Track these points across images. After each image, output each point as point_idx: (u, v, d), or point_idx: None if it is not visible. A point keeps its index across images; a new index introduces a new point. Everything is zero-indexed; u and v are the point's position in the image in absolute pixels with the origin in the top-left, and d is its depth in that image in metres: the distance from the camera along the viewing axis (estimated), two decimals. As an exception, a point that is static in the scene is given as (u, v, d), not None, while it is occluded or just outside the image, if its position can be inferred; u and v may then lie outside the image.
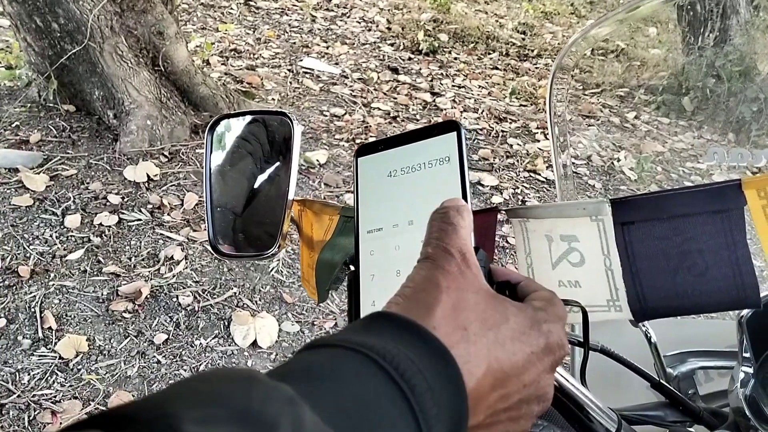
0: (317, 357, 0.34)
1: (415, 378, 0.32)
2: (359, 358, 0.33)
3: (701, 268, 0.58)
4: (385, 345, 0.33)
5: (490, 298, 0.41)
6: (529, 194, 3.45)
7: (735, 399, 0.71)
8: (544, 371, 0.41)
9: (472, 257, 0.42)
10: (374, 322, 0.37)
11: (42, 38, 3.14)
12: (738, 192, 0.55)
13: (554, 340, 0.41)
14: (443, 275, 0.40)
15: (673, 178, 3.55)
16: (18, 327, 2.18)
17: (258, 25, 5.18)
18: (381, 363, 0.32)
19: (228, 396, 0.27)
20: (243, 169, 0.86)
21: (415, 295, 0.39)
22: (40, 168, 2.92)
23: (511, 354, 0.39)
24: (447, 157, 0.52)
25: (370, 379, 0.32)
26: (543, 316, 0.42)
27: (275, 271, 2.59)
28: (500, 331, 0.39)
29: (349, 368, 0.32)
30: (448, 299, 0.38)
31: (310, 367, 0.33)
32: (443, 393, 0.33)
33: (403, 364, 0.33)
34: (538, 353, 0.40)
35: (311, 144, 3.55)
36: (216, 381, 0.28)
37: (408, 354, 0.33)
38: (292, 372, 0.32)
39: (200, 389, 0.27)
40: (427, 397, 0.32)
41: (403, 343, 0.34)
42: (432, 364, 0.34)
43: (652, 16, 4.94)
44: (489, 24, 5.91)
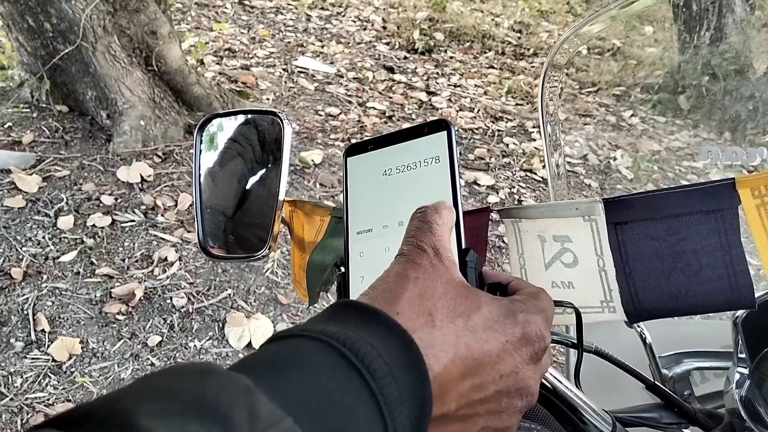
0: (278, 347, 0.34)
1: (375, 363, 0.32)
2: (320, 345, 0.33)
3: (695, 269, 0.57)
4: (345, 332, 0.34)
5: (461, 288, 0.40)
6: (525, 193, 3.44)
7: (730, 400, 0.70)
8: (523, 362, 0.40)
9: (446, 252, 0.42)
10: (337, 310, 0.37)
11: (34, 38, 3.12)
12: (732, 191, 0.55)
13: (532, 330, 0.41)
14: (413, 268, 0.40)
15: (669, 177, 3.55)
16: (11, 329, 2.17)
17: (252, 25, 5.16)
18: (341, 349, 0.32)
19: (182, 389, 0.27)
20: (233, 170, 0.85)
21: (384, 287, 0.39)
22: (32, 169, 2.90)
23: (482, 342, 0.38)
24: (437, 157, 0.51)
25: (331, 365, 0.32)
26: (520, 306, 0.41)
27: (270, 272, 2.58)
28: (470, 318, 0.39)
29: (310, 356, 0.32)
30: (414, 288, 0.39)
31: (271, 358, 0.33)
32: (405, 377, 0.33)
33: (363, 350, 0.33)
34: (514, 342, 0.40)
35: (306, 144, 3.54)
36: (172, 375, 0.28)
37: (368, 339, 0.33)
38: (251, 363, 0.32)
39: (156, 384, 0.28)
40: (388, 381, 0.32)
41: (364, 330, 0.34)
42: (393, 349, 0.34)
43: (647, 14, 4.94)
44: (485, 23, 5.90)
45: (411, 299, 0.38)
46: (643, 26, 5.48)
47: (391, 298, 0.38)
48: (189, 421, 0.25)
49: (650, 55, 5.25)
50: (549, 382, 0.63)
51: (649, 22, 5.47)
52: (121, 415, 0.25)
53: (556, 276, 0.66)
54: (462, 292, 0.40)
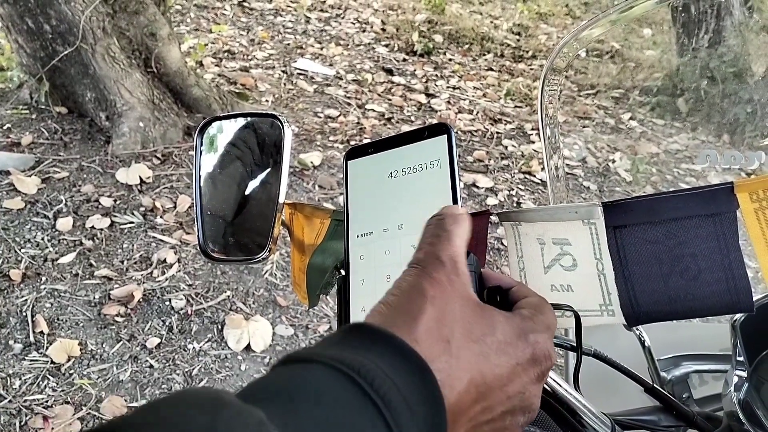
0: (291, 374, 0.33)
1: (391, 394, 0.31)
2: (334, 374, 0.32)
3: (694, 272, 0.57)
4: (361, 360, 0.33)
5: (477, 308, 0.40)
6: (524, 196, 3.44)
7: (729, 403, 0.70)
8: (530, 382, 0.40)
9: (462, 266, 0.41)
10: (351, 334, 0.36)
11: (34, 40, 3.12)
12: (730, 195, 0.55)
13: (540, 351, 0.41)
14: (430, 283, 0.39)
15: (668, 180, 3.56)
16: (9, 331, 2.16)
17: (252, 26, 5.17)
18: (356, 379, 0.31)
19: (193, 422, 0.26)
20: (233, 172, 0.85)
21: (399, 304, 0.38)
22: (31, 170, 2.90)
23: (495, 366, 0.38)
24: (437, 160, 0.51)
25: (346, 396, 0.31)
26: (530, 326, 0.41)
27: (269, 275, 2.58)
28: (485, 343, 0.38)
29: (324, 385, 0.31)
30: (432, 310, 0.37)
31: (283, 386, 0.32)
32: (421, 410, 0.33)
33: (378, 380, 0.32)
34: (524, 364, 0.40)
35: (305, 146, 3.54)
36: (183, 406, 0.27)
37: (385, 369, 0.33)
38: (263, 391, 0.32)
39: (166, 415, 0.27)
40: (404, 414, 0.31)
41: (380, 358, 0.33)
42: (410, 380, 0.33)
43: (646, 17, 4.95)
44: (484, 25, 5.91)
45: (429, 324, 0.37)
46: (642, 29, 5.49)
47: (409, 320, 0.37)
48: None
49: (649, 57, 5.26)
50: (548, 385, 0.64)
51: (648, 24, 5.48)
52: None
53: (556, 279, 0.66)
54: (478, 313, 0.40)
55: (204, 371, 2.14)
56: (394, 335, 0.35)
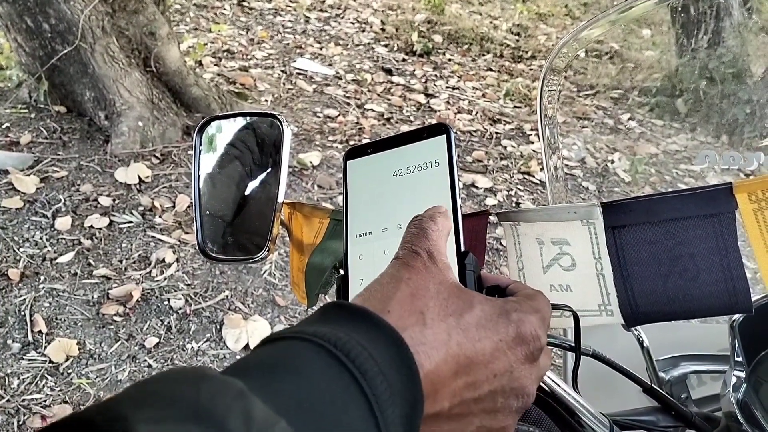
0: (270, 350, 0.34)
1: (366, 363, 0.33)
2: (311, 347, 0.33)
3: (693, 273, 0.57)
4: (336, 333, 0.34)
5: (454, 289, 0.41)
6: (523, 196, 3.45)
7: (727, 403, 0.70)
8: (518, 361, 0.40)
9: (440, 256, 0.43)
10: (328, 312, 0.38)
11: (33, 39, 3.12)
12: (729, 196, 0.55)
13: (526, 329, 0.41)
14: (406, 269, 0.41)
15: (667, 180, 3.56)
16: (7, 330, 2.16)
17: (251, 26, 5.16)
18: (332, 350, 0.33)
19: (179, 395, 0.27)
20: (232, 172, 0.85)
21: (377, 289, 0.40)
22: (30, 170, 2.90)
23: (475, 340, 0.39)
24: (436, 161, 0.51)
25: (322, 366, 0.32)
26: (513, 306, 0.42)
27: (268, 274, 2.58)
28: (462, 317, 0.39)
29: (301, 358, 0.33)
30: (406, 288, 0.39)
31: (263, 361, 0.33)
32: (395, 376, 0.34)
33: (354, 351, 0.33)
34: (508, 341, 0.40)
35: (304, 145, 3.54)
36: (167, 381, 0.29)
37: (359, 339, 0.34)
38: (245, 367, 0.33)
39: (152, 390, 0.28)
40: (379, 381, 0.33)
41: (355, 330, 0.35)
42: (383, 349, 0.34)
43: (645, 17, 4.95)
44: (483, 25, 5.91)
45: (402, 299, 0.39)
46: (641, 29, 5.49)
47: (383, 299, 0.39)
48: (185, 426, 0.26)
49: (648, 58, 5.26)
50: (547, 384, 0.64)
51: (647, 25, 5.48)
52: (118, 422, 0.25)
53: (554, 279, 0.66)
54: (455, 293, 0.41)
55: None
56: (367, 309, 0.37)
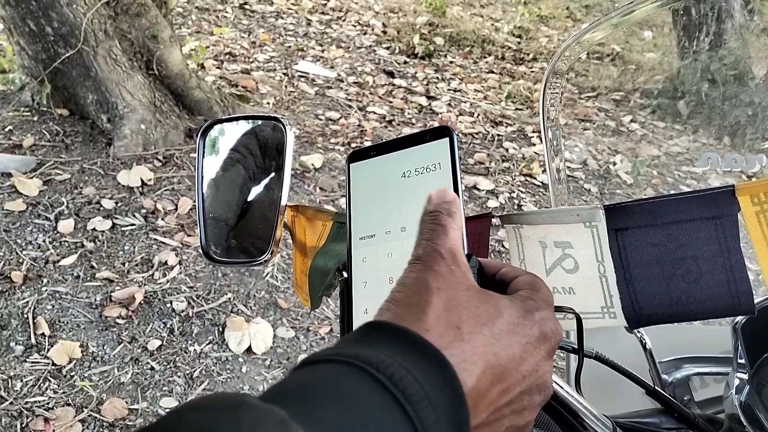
0: (310, 374, 0.33)
1: (411, 387, 0.32)
2: (353, 371, 0.32)
3: (695, 275, 0.57)
4: (378, 355, 0.33)
5: (481, 294, 0.41)
6: (525, 198, 3.45)
7: (730, 405, 0.70)
8: (542, 359, 0.41)
9: (461, 257, 0.42)
10: (367, 332, 0.36)
11: (35, 42, 3.13)
12: (731, 198, 0.55)
13: (548, 327, 0.41)
14: (433, 276, 0.40)
15: (668, 182, 3.56)
16: (11, 333, 2.17)
17: (253, 29, 5.17)
18: (375, 375, 0.32)
19: (217, 424, 0.27)
20: (236, 175, 0.85)
21: (406, 300, 0.39)
22: (33, 173, 2.91)
23: (507, 347, 0.39)
24: (439, 163, 0.51)
25: (366, 392, 0.31)
26: (533, 304, 0.42)
27: (270, 277, 2.58)
28: (495, 325, 0.39)
29: (344, 383, 0.32)
30: (438, 300, 0.38)
31: (304, 386, 0.32)
32: (441, 399, 0.33)
33: (397, 374, 0.32)
34: (534, 342, 0.40)
35: (306, 148, 3.55)
36: (205, 409, 0.28)
37: (402, 363, 0.33)
38: (284, 392, 0.32)
39: (189, 418, 0.27)
40: (425, 406, 0.32)
41: (397, 352, 0.34)
42: (427, 371, 0.34)
43: (647, 20, 4.95)
44: (484, 28, 5.92)
45: (437, 313, 0.38)
46: (643, 31, 5.49)
47: (417, 313, 0.38)
48: None
49: (650, 60, 5.26)
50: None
51: (649, 27, 5.48)
52: None
53: (557, 282, 0.67)
54: (483, 299, 0.40)
55: (205, 373, 2.14)
56: (408, 328, 0.36)
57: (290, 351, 2.28)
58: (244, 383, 2.13)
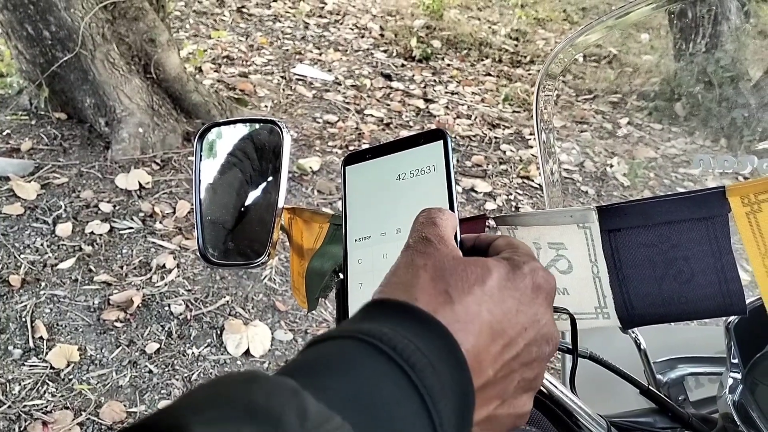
0: (317, 350, 0.35)
1: (414, 356, 0.33)
2: (357, 344, 0.34)
3: (687, 276, 0.58)
4: (380, 328, 0.34)
5: (468, 260, 0.42)
6: (522, 200, 3.45)
7: (723, 405, 0.71)
8: (541, 309, 0.42)
9: (449, 240, 0.43)
10: (367, 310, 0.38)
11: (33, 46, 3.14)
12: (722, 199, 0.56)
13: (539, 277, 0.42)
14: (419, 256, 0.41)
15: (665, 184, 3.57)
16: (9, 337, 2.17)
17: (251, 32, 5.18)
18: (379, 346, 0.33)
19: (232, 396, 0.28)
20: (233, 177, 0.86)
21: (395, 279, 0.41)
22: (31, 176, 2.91)
23: (501, 302, 0.40)
24: (434, 166, 0.52)
25: (371, 362, 0.33)
26: (519, 259, 0.43)
27: (268, 279, 2.58)
28: (485, 284, 0.40)
29: (349, 355, 0.33)
30: (425, 274, 0.40)
31: (311, 361, 0.34)
32: (444, 367, 0.34)
33: (400, 345, 0.33)
34: (529, 294, 0.41)
35: (304, 151, 3.55)
36: (220, 385, 0.29)
37: (404, 334, 0.34)
38: (295, 367, 0.33)
39: (205, 394, 0.28)
40: (429, 373, 0.33)
41: (398, 325, 0.35)
42: (430, 341, 0.35)
43: (643, 22, 4.97)
44: (482, 30, 5.93)
45: (424, 285, 0.39)
46: (639, 34, 5.51)
47: (406, 288, 0.39)
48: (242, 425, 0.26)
49: (646, 62, 5.28)
50: (544, 386, 0.64)
51: (645, 29, 5.49)
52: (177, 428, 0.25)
53: (551, 282, 0.67)
54: (469, 262, 0.41)
55: (203, 376, 2.15)
56: (408, 302, 0.37)
57: (288, 354, 2.28)
58: (243, 386, 2.14)
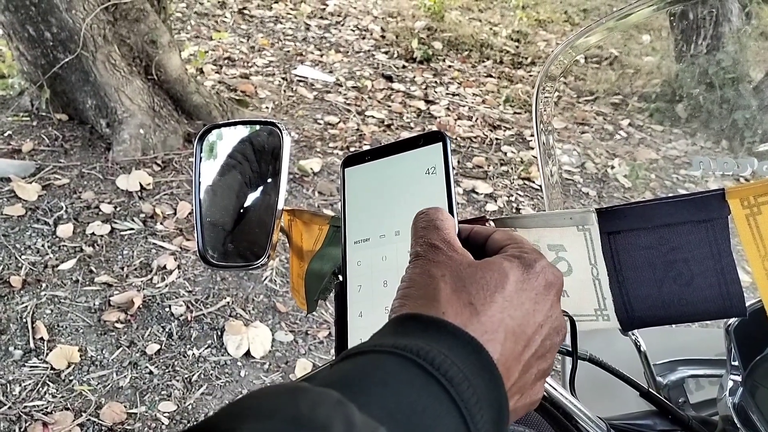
0: (353, 364, 0.35)
1: (451, 370, 0.34)
2: (395, 359, 0.34)
3: (687, 278, 0.58)
4: (417, 343, 0.35)
5: (483, 265, 0.42)
6: (523, 201, 3.45)
7: (724, 407, 0.71)
8: (552, 304, 0.43)
9: (456, 244, 0.44)
10: (400, 324, 0.38)
11: (35, 47, 3.14)
12: (722, 202, 0.55)
13: (550, 274, 0.43)
14: (435, 266, 0.42)
15: (667, 185, 3.56)
16: (9, 338, 2.17)
17: (252, 34, 5.19)
18: (417, 361, 0.34)
19: (277, 407, 0.28)
20: (233, 179, 0.86)
21: (416, 293, 0.41)
22: (32, 177, 2.91)
23: (520, 305, 0.40)
24: (433, 168, 0.52)
25: (410, 377, 0.33)
26: (529, 257, 0.43)
27: (268, 280, 2.59)
28: (505, 289, 0.40)
29: (386, 370, 0.33)
30: (445, 285, 0.40)
31: (347, 375, 0.34)
32: (479, 381, 0.35)
33: (437, 359, 0.34)
34: (542, 292, 0.42)
35: (305, 152, 3.55)
36: (264, 396, 0.29)
37: (440, 349, 0.35)
38: (333, 380, 0.33)
39: (250, 404, 0.29)
40: (466, 387, 0.34)
41: (433, 340, 0.36)
42: (465, 356, 0.35)
43: (644, 23, 4.97)
44: (483, 32, 5.93)
45: (447, 297, 0.39)
46: (641, 35, 5.51)
47: (431, 302, 0.40)
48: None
49: (647, 64, 5.27)
50: (544, 389, 0.64)
51: (647, 31, 5.49)
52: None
53: (551, 284, 0.67)
54: (486, 268, 0.42)
55: (203, 377, 2.15)
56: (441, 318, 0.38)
57: (289, 355, 2.28)
58: (243, 387, 2.13)
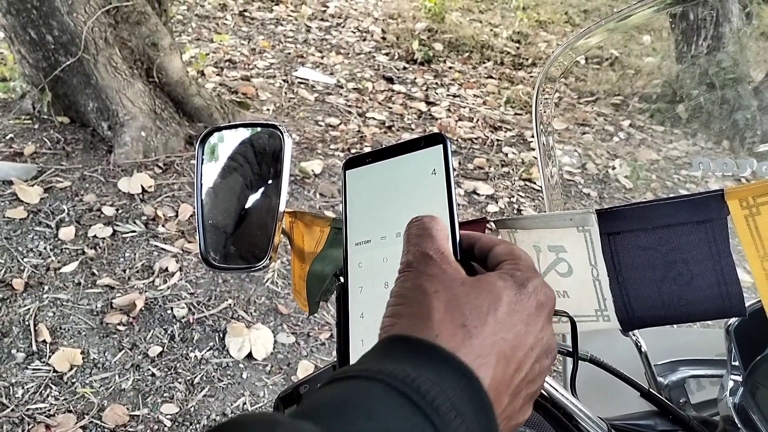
0: (338, 390, 0.34)
1: (438, 399, 0.33)
2: (380, 386, 0.33)
3: (687, 278, 0.58)
4: (404, 369, 0.34)
5: (476, 284, 0.41)
6: (524, 202, 3.45)
7: (724, 407, 0.71)
8: (543, 326, 0.42)
9: (449, 255, 0.43)
10: (390, 346, 0.37)
11: (36, 50, 3.15)
12: (721, 202, 0.56)
13: (542, 295, 0.42)
14: (428, 281, 0.40)
15: (668, 186, 3.56)
16: (12, 340, 2.17)
17: (253, 36, 5.19)
18: (402, 390, 0.33)
19: None
20: (234, 181, 0.86)
21: (409, 311, 0.40)
22: (34, 180, 2.92)
23: (512, 327, 0.40)
24: (433, 170, 0.52)
25: (395, 406, 0.32)
26: (522, 276, 0.42)
27: (270, 282, 2.59)
28: (497, 311, 0.40)
29: (372, 398, 0.32)
30: (439, 303, 0.39)
31: (331, 402, 0.33)
32: (468, 410, 0.34)
33: (423, 387, 0.33)
34: (533, 313, 0.41)
35: (306, 154, 3.56)
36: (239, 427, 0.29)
37: (428, 375, 0.34)
38: (314, 409, 0.33)
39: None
40: (452, 417, 0.32)
41: (422, 365, 0.35)
42: (454, 383, 0.34)
43: (645, 24, 4.97)
44: (483, 33, 5.94)
45: (441, 317, 0.38)
46: (641, 36, 5.51)
47: (425, 322, 0.38)
48: None
49: (648, 64, 5.27)
50: (545, 389, 0.64)
51: (647, 31, 5.49)
52: None
53: (552, 285, 0.67)
54: (479, 288, 0.41)
55: (206, 379, 2.15)
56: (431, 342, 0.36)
57: (291, 357, 2.28)
58: (245, 389, 2.14)
